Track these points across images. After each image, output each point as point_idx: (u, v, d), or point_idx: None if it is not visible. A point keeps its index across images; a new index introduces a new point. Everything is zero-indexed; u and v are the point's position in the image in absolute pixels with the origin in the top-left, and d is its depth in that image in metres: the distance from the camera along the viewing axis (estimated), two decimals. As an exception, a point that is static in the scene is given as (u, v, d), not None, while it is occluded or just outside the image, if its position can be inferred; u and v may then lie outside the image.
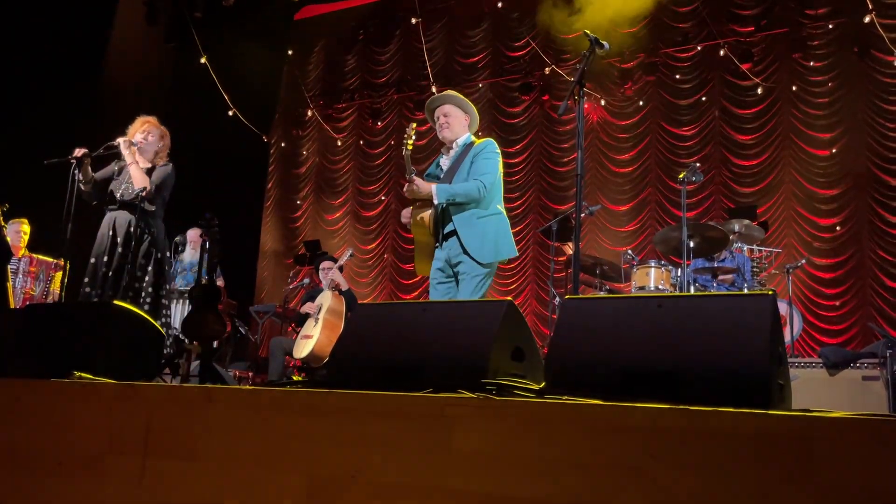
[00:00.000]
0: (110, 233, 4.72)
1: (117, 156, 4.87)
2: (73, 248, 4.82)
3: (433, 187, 3.94)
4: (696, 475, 1.52)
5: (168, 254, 4.96)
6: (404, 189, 4.01)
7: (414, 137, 3.95)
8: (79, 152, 4.70)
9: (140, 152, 4.89)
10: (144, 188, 4.69)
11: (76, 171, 4.72)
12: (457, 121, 4.20)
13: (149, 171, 4.84)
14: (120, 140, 4.81)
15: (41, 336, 2.87)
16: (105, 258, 4.66)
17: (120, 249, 4.66)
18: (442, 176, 4.10)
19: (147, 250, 4.73)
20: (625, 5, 8.77)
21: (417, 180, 3.97)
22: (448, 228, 3.99)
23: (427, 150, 10.90)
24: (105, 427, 2.34)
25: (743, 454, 1.49)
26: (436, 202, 3.96)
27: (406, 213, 4.12)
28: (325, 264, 6.99)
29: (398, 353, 2.19)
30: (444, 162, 4.20)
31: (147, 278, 4.70)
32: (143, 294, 4.66)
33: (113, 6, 9.54)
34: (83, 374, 2.57)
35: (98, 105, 8.77)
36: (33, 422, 2.50)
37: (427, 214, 4.00)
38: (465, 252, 3.89)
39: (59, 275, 6.67)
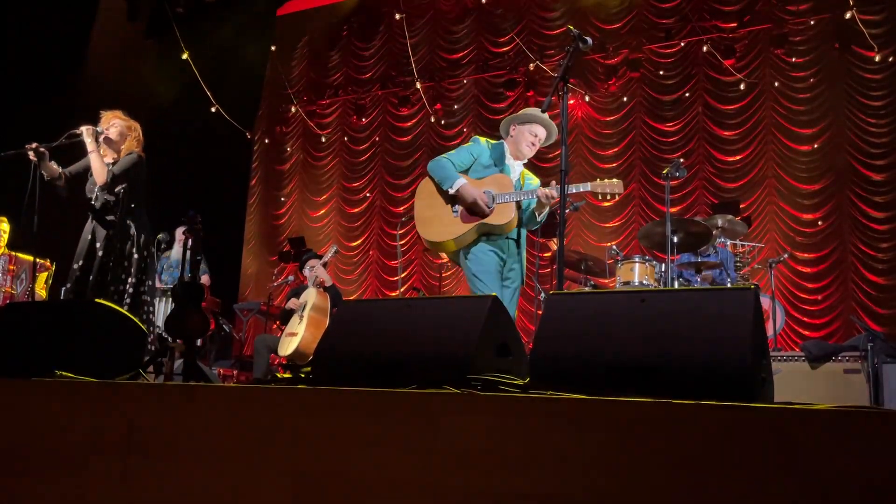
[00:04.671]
0: (89, 237, 4.65)
1: (82, 145, 4.69)
2: (54, 246, 4.74)
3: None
4: (679, 468, 1.53)
5: (152, 249, 4.85)
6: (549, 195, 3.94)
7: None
8: (32, 146, 4.54)
9: (106, 144, 4.75)
10: (105, 183, 4.60)
11: (41, 171, 4.61)
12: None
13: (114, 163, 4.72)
14: (83, 128, 4.64)
15: (21, 335, 2.83)
16: (80, 262, 4.58)
17: (100, 253, 4.59)
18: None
19: (129, 251, 4.65)
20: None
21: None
22: (517, 236, 4.11)
23: (411, 146, 10.89)
24: (87, 426, 2.31)
25: (726, 447, 1.50)
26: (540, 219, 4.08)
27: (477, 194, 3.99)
28: (310, 262, 6.96)
29: (383, 349, 2.18)
30: (512, 173, 4.18)
31: (130, 279, 4.63)
32: (125, 296, 4.60)
33: (94, 1, 9.45)
34: (65, 373, 2.54)
35: (79, 101, 8.68)
36: (13, 421, 2.48)
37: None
38: (521, 267, 4.09)
39: (43, 275, 6.61)
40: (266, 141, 11.97)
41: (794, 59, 8.77)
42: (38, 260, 6.37)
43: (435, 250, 4.37)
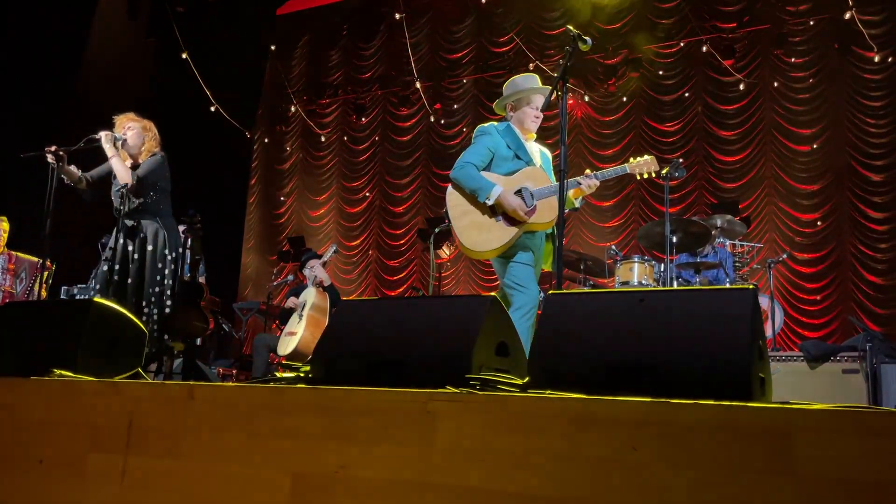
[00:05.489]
0: (122, 241, 4.65)
1: (100, 149, 4.69)
2: (55, 247, 4.72)
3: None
4: (678, 467, 1.53)
5: (181, 250, 4.83)
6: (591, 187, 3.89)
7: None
8: (52, 149, 4.55)
9: (125, 149, 4.76)
10: (126, 184, 4.58)
11: (61, 175, 4.60)
12: None
13: (135, 167, 4.72)
14: (102, 133, 4.62)
15: (20, 334, 2.83)
16: (117, 266, 4.56)
17: (136, 256, 4.58)
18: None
19: (160, 253, 4.63)
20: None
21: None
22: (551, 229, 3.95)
23: (411, 145, 10.88)
24: (86, 425, 2.32)
25: (724, 446, 1.50)
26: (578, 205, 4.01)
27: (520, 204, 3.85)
28: (310, 262, 6.96)
29: (382, 348, 2.18)
30: (534, 157, 4.06)
31: (167, 281, 4.61)
32: (165, 297, 4.58)
33: (94, 0, 9.45)
34: (64, 373, 2.54)
35: (78, 100, 8.68)
36: (13, 420, 2.48)
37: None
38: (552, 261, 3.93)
39: (43, 275, 6.60)
40: (266, 140, 11.97)
41: (793, 60, 8.78)
42: (45, 262, 6.37)
43: (471, 255, 4.18)
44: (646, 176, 4.02)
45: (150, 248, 4.60)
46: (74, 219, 5.05)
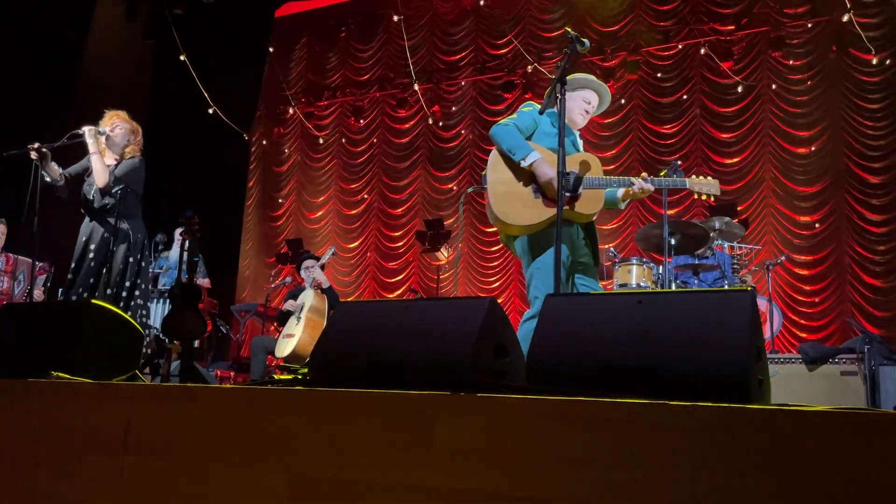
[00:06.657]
0: (84, 239, 4.64)
1: (84, 145, 4.66)
2: (53, 248, 4.72)
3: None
4: (676, 469, 1.53)
5: (147, 252, 4.84)
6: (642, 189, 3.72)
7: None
8: (35, 146, 4.51)
9: (108, 146, 4.74)
10: (106, 185, 4.58)
11: (42, 171, 4.60)
12: None
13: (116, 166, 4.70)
14: (86, 128, 4.61)
15: (18, 335, 2.83)
16: (73, 264, 4.59)
17: (91, 255, 4.59)
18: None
19: (124, 255, 4.63)
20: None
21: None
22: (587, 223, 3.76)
23: (409, 147, 10.88)
24: (84, 427, 2.31)
25: (722, 448, 1.50)
26: (622, 207, 3.89)
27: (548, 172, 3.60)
28: (307, 263, 6.96)
29: (380, 350, 2.18)
30: (580, 144, 3.92)
31: (126, 283, 4.61)
32: (117, 299, 4.58)
33: (93, 2, 9.46)
34: (61, 374, 2.54)
35: (75, 101, 8.68)
36: (10, 422, 2.47)
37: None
38: (594, 256, 3.74)
39: (42, 277, 6.61)
40: (264, 142, 11.97)
41: (791, 62, 8.79)
42: (43, 265, 6.35)
43: (499, 228, 3.88)
44: (703, 197, 3.86)
45: (113, 248, 4.61)
46: (73, 220, 5.05)
